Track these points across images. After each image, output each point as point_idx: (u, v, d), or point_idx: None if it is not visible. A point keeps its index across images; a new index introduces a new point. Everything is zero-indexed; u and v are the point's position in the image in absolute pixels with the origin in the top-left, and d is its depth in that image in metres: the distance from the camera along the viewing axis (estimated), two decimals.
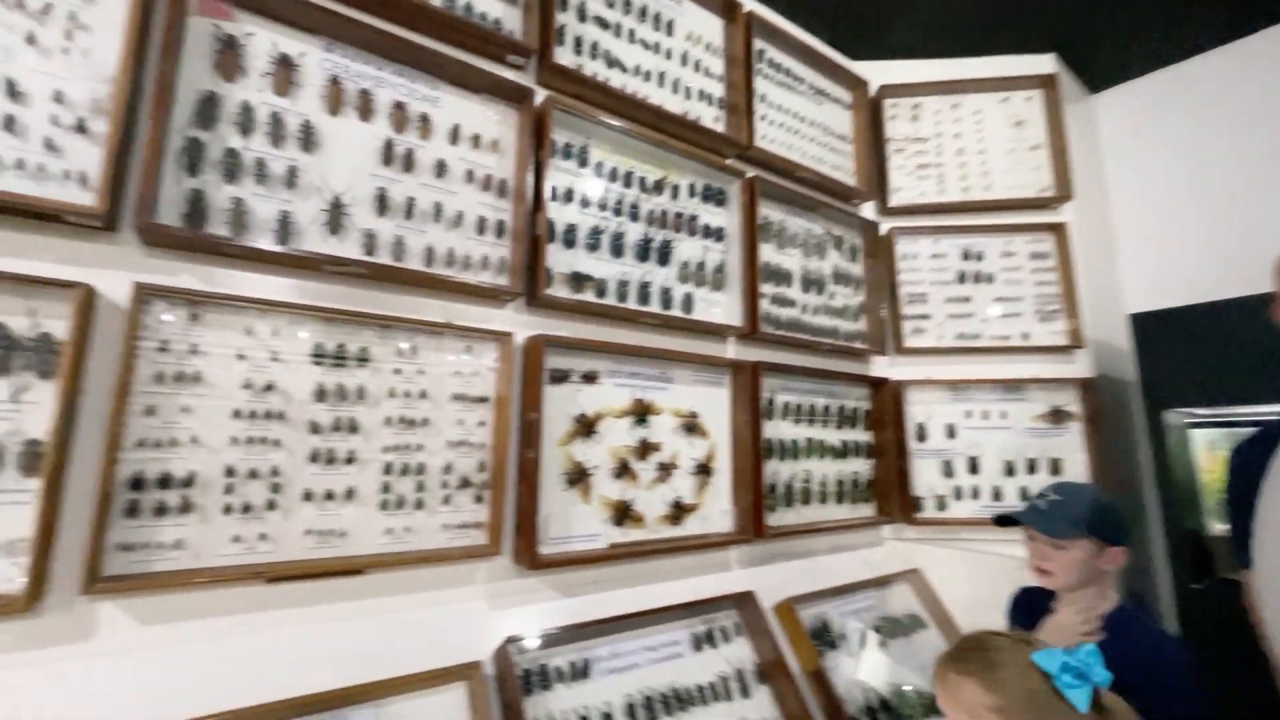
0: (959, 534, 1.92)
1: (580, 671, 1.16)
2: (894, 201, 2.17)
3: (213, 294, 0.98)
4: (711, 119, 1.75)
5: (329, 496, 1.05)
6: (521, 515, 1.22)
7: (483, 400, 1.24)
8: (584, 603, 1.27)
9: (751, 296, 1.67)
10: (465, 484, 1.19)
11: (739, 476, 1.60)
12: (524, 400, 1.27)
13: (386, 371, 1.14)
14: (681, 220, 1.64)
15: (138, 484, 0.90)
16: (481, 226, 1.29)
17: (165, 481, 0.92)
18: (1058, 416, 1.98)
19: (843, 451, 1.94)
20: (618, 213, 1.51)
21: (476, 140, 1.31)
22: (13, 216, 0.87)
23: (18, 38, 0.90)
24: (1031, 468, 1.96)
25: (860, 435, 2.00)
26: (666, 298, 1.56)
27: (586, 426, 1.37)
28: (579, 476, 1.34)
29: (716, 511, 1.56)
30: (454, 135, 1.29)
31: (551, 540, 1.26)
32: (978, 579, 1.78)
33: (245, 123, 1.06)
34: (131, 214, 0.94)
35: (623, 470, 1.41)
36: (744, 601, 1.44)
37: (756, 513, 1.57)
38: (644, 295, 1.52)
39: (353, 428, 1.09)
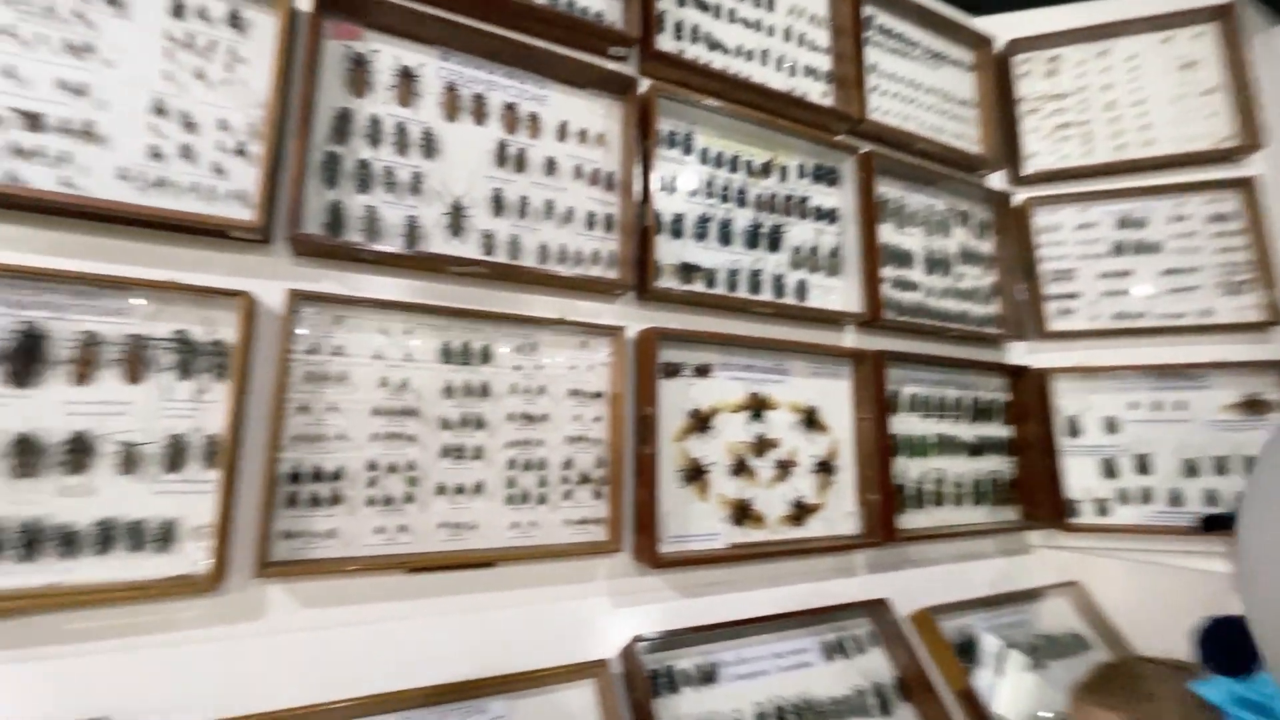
0: (1127, 543, 1.67)
1: (707, 676, 1.12)
2: (1029, 169, 1.94)
3: (351, 297, 1.04)
4: (819, 94, 1.65)
5: (460, 490, 1.08)
6: (641, 512, 1.19)
7: (597, 396, 1.23)
8: (706, 604, 1.22)
9: (871, 280, 1.55)
10: (584, 479, 1.18)
11: (864, 475, 1.48)
12: (639, 395, 1.24)
13: (507, 368, 1.16)
14: (791, 203, 1.55)
15: (295, 477, 0.97)
16: (591, 221, 1.28)
17: (318, 475, 0.98)
18: (1254, 407, 1.67)
19: (978, 448, 1.75)
20: (725, 199, 1.46)
21: (583, 135, 1.31)
22: (189, 234, 0.96)
23: (189, 74, 1.00)
24: (1220, 467, 1.66)
25: (998, 430, 1.80)
26: (779, 285, 1.48)
27: (701, 422, 1.32)
28: (695, 474, 1.29)
29: (841, 512, 1.45)
30: (562, 132, 1.29)
31: (670, 539, 1.23)
32: (1152, 597, 1.53)
33: (374, 134, 1.12)
34: (282, 226, 1.01)
35: (740, 468, 1.35)
36: (877, 610, 1.32)
37: (885, 515, 1.44)
38: (755, 283, 1.45)
39: (479, 424, 1.11)
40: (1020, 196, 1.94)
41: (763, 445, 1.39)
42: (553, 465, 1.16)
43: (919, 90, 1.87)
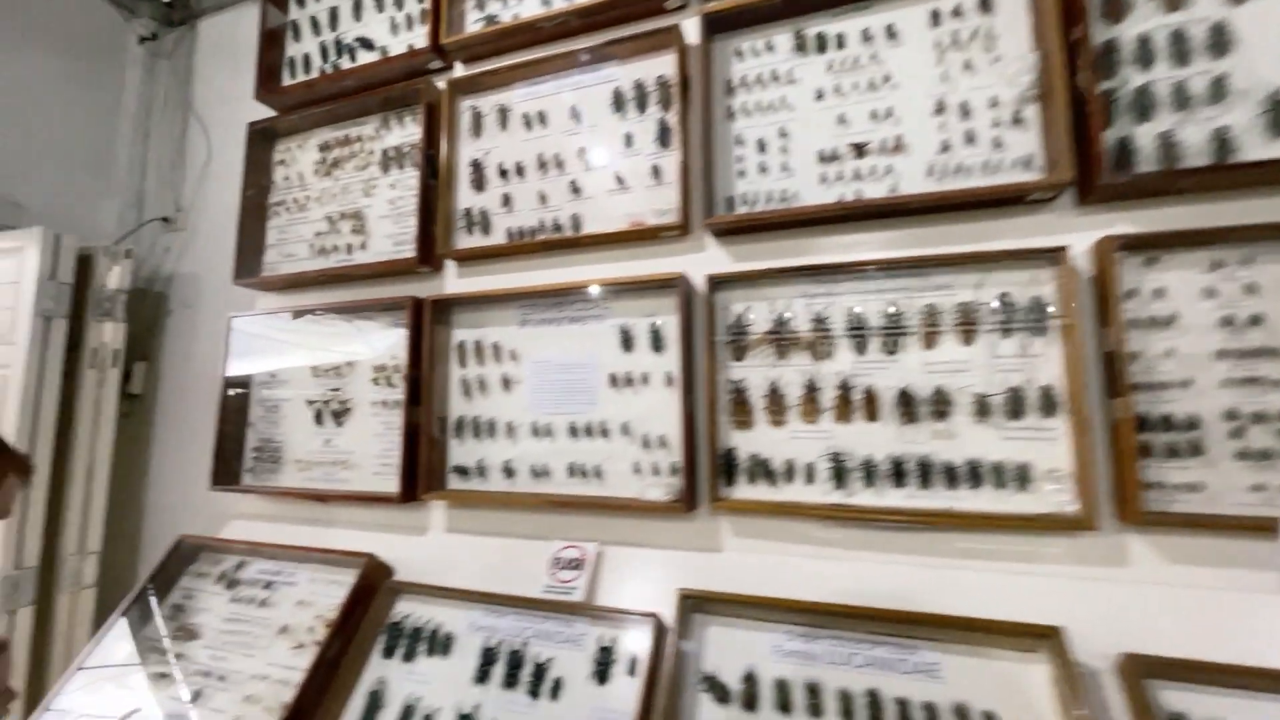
0: None
1: None
2: None
3: (1161, 234, 0.95)
4: None
5: None
6: None
7: None
8: None
9: None
10: None
11: None
12: None
13: None
14: None
15: (1143, 425, 0.94)
16: None
17: (1168, 423, 0.93)
18: None
19: None
20: None
21: None
22: (987, 208, 1.07)
23: (957, 69, 1.11)
24: None
25: None
26: None
27: None
28: None
29: None
30: None
31: None
32: None
33: (1144, 56, 1.01)
34: (1080, 175, 1.00)
35: None
36: None
37: None
38: None
39: None
40: None
41: None
42: None
43: None
